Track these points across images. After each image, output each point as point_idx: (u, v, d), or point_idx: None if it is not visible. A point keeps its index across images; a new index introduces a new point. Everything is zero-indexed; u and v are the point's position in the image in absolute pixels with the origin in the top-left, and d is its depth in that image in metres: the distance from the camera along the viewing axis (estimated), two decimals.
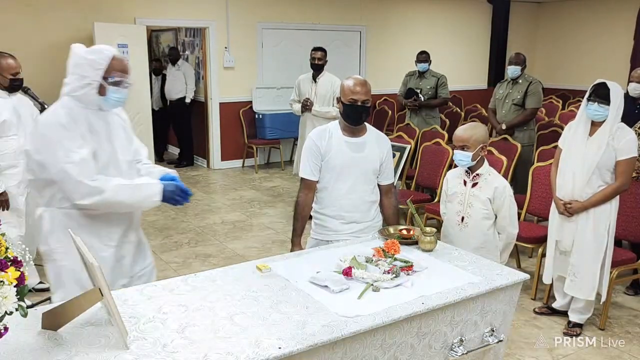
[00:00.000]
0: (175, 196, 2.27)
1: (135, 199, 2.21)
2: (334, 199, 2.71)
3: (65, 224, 2.14)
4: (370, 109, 2.72)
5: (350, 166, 2.67)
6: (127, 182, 2.20)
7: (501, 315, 2.09)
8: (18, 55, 3.62)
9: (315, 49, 5.56)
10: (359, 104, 2.60)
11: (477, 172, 2.77)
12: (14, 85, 3.45)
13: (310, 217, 2.84)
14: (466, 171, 2.79)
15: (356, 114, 2.63)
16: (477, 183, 2.76)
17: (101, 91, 2.17)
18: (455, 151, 2.77)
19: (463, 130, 2.78)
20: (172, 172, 2.45)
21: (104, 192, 2.11)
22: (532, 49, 10.27)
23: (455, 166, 2.94)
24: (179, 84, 8.02)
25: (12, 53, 3.54)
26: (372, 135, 2.76)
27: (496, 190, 2.72)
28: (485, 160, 2.81)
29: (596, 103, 3.07)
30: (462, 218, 2.77)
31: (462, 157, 2.73)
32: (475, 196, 2.74)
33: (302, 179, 2.77)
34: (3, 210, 3.41)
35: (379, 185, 2.79)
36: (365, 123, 2.74)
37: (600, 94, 3.06)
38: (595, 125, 3.14)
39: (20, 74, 3.46)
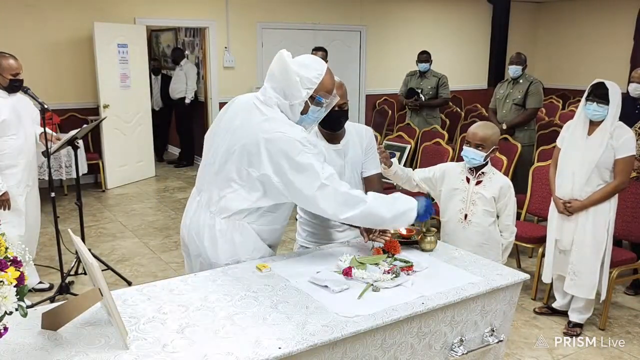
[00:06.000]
0: (427, 213, 2.19)
1: (393, 213, 2.12)
2: None
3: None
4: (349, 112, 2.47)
5: (340, 174, 2.43)
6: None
7: (501, 315, 2.09)
8: (18, 55, 3.62)
9: (316, 49, 5.58)
10: (336, 109, 2.32)
11: (483, 170, 2.76)
12: (14, 86, 3.44)
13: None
14: (470, 169, 2.78)
15: (334, 121, 2.39)
16: (481, 181, 2.75)
17: (304, 109, 2.10)
18: (467, 148, 2.71)
19: (481, 130, 2.72)
20: None
21: (366, 201, 2.05)
22: (532, 49, 10.27)
23: (456, 160, 2.92)
24: (181, 83, 8.11)
25: (12, 53, 3.54)
26: (352, 134, 2.52)
27: (501, 189, 2.71)
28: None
29: (595, 103, 3.08)
30: (466, 216, 2.77)
31: (475, 156, 2.69)
32: (480, 194, 2.73)
33: None
34: (4, 210, 3.41)
35: (363, 178, 2.56)
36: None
37: (599, 93, 3.07)
38: (593, 124, 3.15)
39: (20, 75, 3.46)
